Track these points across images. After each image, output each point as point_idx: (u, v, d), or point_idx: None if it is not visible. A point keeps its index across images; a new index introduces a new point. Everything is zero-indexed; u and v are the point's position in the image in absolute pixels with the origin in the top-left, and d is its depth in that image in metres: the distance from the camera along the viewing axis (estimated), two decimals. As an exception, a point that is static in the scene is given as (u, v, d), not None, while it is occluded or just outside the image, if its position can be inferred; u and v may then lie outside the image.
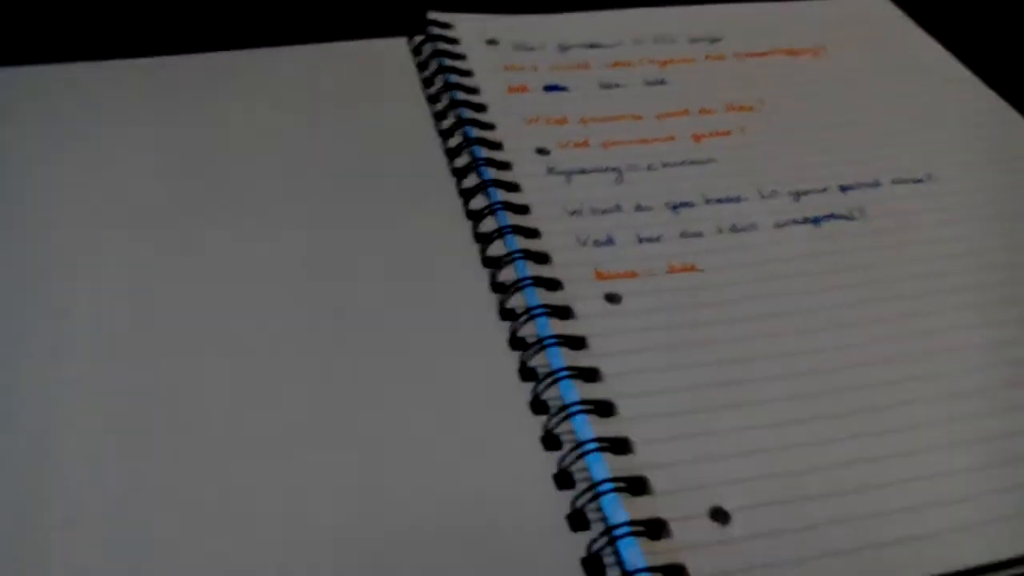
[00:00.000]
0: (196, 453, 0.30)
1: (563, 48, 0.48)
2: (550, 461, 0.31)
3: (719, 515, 0.29)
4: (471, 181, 0.40)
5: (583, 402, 0.31)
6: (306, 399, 0.32)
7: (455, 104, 0.43)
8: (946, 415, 0.33)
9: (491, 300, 0.36)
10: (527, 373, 0.33)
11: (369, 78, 0.46)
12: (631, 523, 0.28)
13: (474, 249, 0.38)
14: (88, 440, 0.31)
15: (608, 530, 0.28)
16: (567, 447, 0.31)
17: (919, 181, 0.42)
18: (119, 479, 0.30)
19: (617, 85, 0.46)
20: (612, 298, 0.35)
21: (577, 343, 0.34)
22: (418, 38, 0.48)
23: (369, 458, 0.31)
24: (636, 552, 0.28)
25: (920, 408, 0.33)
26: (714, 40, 0.50)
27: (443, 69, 0.45)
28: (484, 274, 0.37)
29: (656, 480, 0.30)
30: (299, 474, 0.30)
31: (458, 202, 0.39)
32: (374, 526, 0.29)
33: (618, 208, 0.39)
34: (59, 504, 0.29)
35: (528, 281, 0.35)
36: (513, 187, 0.39)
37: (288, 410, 0.32)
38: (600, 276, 0.36)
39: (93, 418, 0.31)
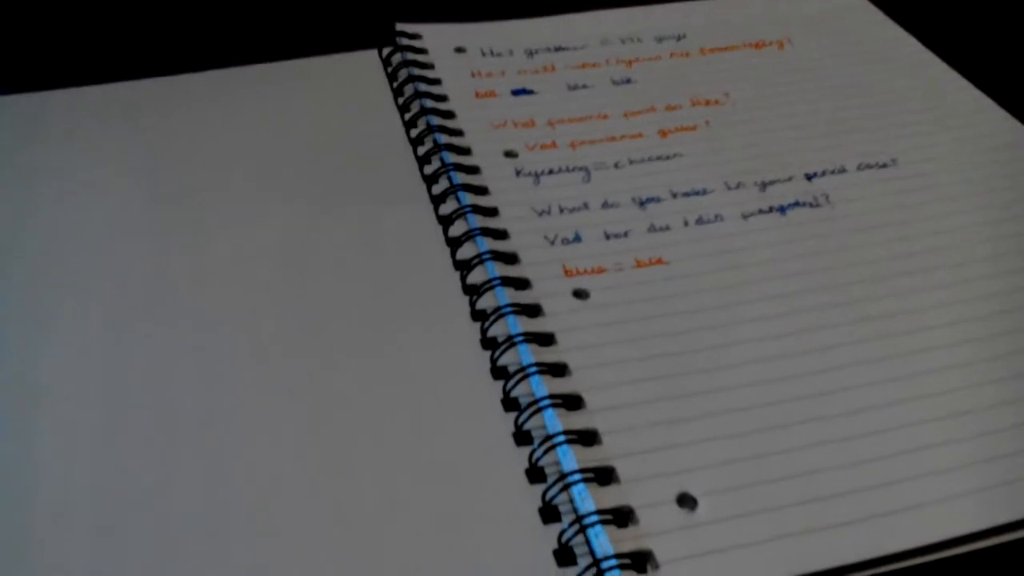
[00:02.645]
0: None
1: (530, 53, 0.48)
2: (523, 457, 0.31)
3: (686, 501, 0.30)
4: (441, 186, 0.41)
5: (551, 396, 0.32)
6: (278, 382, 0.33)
7: (424, 112, 0.44)
8: (913, 394, 0.33)
9: (463, 302, 0.36)
10: (498, 372, 0.34)
11: (342, 91, 0.47)
12: (599, 512, 0.29)
13: (445, 253, 0.38)
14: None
15: (577, 520, 0.29)
16: (538, 442, 0.31)
17: (884, 166, 0.43)
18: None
19: (584, 86, 0.47)
20: (580, 294, 0.36)
21: (546, 339, 0.34)
22: (387, 49, 0.48)
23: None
24: (604, 540, 0.28)
25: (886, 388, 0.33)
26: (680, 37, 0.50)
27: (412, 79, 0.46)
28: (455, 277, 0.37)
29: (623, 469, 0.30)
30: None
31: (430, 208, 0.40)
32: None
33: (586, 206, 0.40)
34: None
35: (497, 281, 0.36)
36: (482, 191, 0.40)
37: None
38: (568, 273, 0.37)
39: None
